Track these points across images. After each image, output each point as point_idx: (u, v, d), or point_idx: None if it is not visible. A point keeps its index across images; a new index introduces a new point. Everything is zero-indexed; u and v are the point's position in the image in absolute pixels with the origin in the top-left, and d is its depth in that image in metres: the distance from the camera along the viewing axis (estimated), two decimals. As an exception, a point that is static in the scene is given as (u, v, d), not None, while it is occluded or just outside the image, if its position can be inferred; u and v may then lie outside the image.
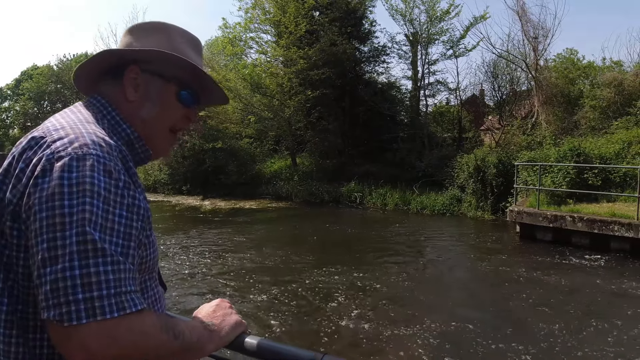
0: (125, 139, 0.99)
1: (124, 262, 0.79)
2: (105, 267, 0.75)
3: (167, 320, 0.88)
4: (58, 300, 0.72)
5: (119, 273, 0.77)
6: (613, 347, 5.32)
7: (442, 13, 20.80)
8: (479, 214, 14.87)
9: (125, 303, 0.76)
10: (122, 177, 0.85)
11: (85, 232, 0.75)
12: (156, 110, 1.05)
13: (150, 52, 1.01)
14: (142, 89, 1.03)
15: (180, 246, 10.82)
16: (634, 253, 9.39)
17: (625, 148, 13.41)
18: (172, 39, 1.08)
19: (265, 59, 23.09)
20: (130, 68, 1.02)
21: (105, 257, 0.76)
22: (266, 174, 22.08)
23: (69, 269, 0.73)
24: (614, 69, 18.91)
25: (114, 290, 0.75)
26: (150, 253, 0.96)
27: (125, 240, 0.81)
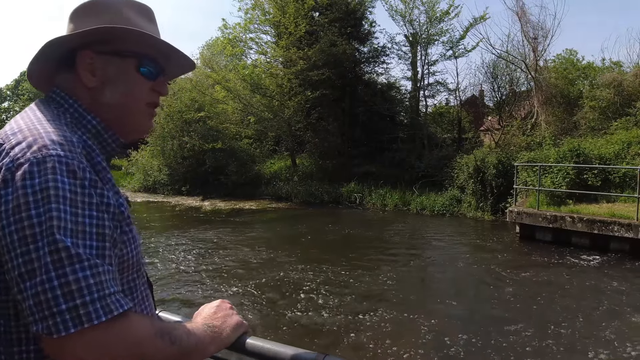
0: (92, 131, 0.94)
1: (102, 264, 0.76)
2: (84, 273, 0.73)
3: (163, 326, 0.87)
4: (42, 313, 0.71)
5: (99, 276, 0.74)
6: (612, 347, 5.33)
7: (442, 14, 20.79)
8: (478, 215, 14.88)
9: (111, 305, 0.74)
10: (88, 176, 0.81)
11: (56, 241, 0.72)
12: (120, 91, 0.98)
13: (91, 31, 0.92)
14: (100, 73, 0.96)
15: (180, 247, 10.82)
16: (633, 253, 9.39)
17: (625, 148, 13.41)
18: (119, 13, 0.99)
19: (265, 59, 23.10)
20: (82, 53, 0.95)
21: (82, 263, 0.73)
22: (266, 174, 22.08)
23: (47, 281, 0.71)
24: (614, 70, 18.91)
25: (97, 295, 0.73)
26: (130, 250, 0.91)
27: (99, 241, 0.78)
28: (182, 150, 22.28)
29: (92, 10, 0.98)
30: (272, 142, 24.42)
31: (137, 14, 1.02)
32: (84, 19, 0.97)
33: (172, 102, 22.80)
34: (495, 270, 8.85)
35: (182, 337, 0.88)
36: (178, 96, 22.99)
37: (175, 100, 22.84)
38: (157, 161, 23.50)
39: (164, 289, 7.69)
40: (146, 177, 23.63)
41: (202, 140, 21.54)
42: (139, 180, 24.05)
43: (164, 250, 10.53)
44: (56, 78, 0.99)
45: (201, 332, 0.97)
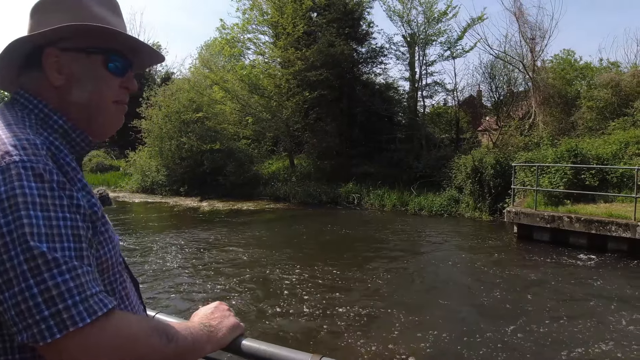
0: (59, 131, 0.91)
1: (81, 266, 0.75)
2: (63, 277, 0.71)
3: (158, 324, 0.87)
4: (26, 322, 0.70)
5: (79, 279, 0.73)
6: (610, 346, 5.33)
7: (440, 14, 20.82)
8: (476, 215, 14.90)
9: (94, 306, 0.74)
10: (55, 178, 0.78)
11: (30, 248, 0.71)
12: (88, 90, 0.95)
13: (54, 30, 0.89)
14: (66, 71, 0.93)
15: (177, 247, 10.81)
16: (631, 253, 9.42)
17: (622, 148, 13.44)
18: (83, 7, 0.96)
19: (263, 60, 23.11)
20: (47, 52, 0.91)
21: (60, 267, 0.72)
22: (264, 175, 22.07)
23: (26, 289, 0.70)
24: (611, 70, 18.96)
25: (78, 297, 0.72)
26: (108, 251, 0.89)
27: (75, 242, 0.76)
28: (180, 150, 22.25)
29: (54, 4, 0.95)
30: (270, 142, 24.43)
31: (101, 6, 0.99)
32: (46, 15, 0.94)
33: (170, 102, 22.78)
34: (493, 270, 8.86)
35: (179, 335, 0.88)
36: (176, 96, 22.97)
37: (173, 101, 22.82)
38: (155, 162, 23.46)
39: (160, 289, 7.68)
40: (144, 177, 23.57)
41: (200, 141, 21.52)
42: (137, 181, 24.01)
43: (162, 250, 10.51)
44: (21, 78, 0.96)
45: (198, 331, 0.97)
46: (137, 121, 23.40)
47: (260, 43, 23.16)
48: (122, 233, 12.50)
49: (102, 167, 29.65)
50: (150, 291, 7.56)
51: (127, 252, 10.36)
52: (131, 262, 9.43)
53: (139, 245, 11.08)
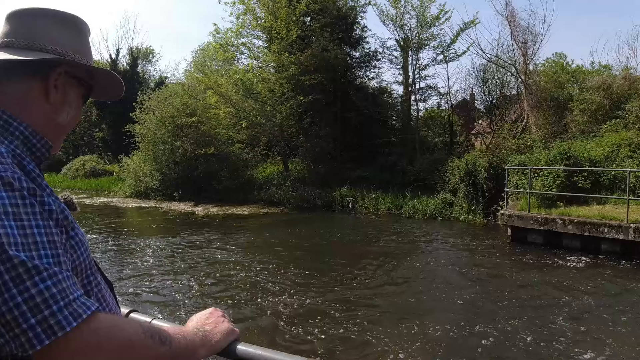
0: (20, 137, 0.90)
1: (61, 272, 0.74)
2: (45, 284, 0.71)
3: (151, 326, 0.88)
4: (13, 332, 0.69)
5: (60, 284, 0.73)
6: (605, 347, 5.36)
7: (433, 18, 20.96)
8: (470, 218, 14.94)
9: (79, 309, 0.73)
10: (25, 185, 0.78)
11: (10, 258, 0.70)
12: (71, 115, 1.02)
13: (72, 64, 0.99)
14: (62, 91, 0.98)
15: (171, 253, 10.75)
16: (624, 254, 9.48)
17: (614, 151, 13.54)
18: (85, 36, 1.06)
19: (257, 64, 23.12)
20: (58, 70, 0.96)
21: (41, 274, 0.71)
22: (258, 179, 22.04)
23: (10, 298, 0.69)
24: (603, 73, 19.10)
25: (62, 303, 0.72)
26: (80, 254, 0.90)
27: (52, 249, 0.76)
28: (174, 155, 22.17)
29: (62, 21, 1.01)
30: (264, 146, 24.40)
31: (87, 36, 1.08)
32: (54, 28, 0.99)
33: (163, 107, 22.71)
34: (487, 273, 8.89)
35: (172, 338, 0.89)
36: (170, 101, 22.91)
37: (167, 105, 22.76)
38: (148, 166, 23.36)
39: (153, 294, 7.65)
40: (138, 182, 23.44)
41: (194, 146, 21.45)
42: (131, 186, 23.89)
43: (155, 255, 10.46)
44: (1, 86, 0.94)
45: (191, 335, 0.98)
46: (130, 126, 23.32)
47: (254, 47, 23.22)
48: (115, 238, 12.44)
49: (96, 172, 29.49)
50: (142, 296, 7.53)
51: (119, 257, 10.32)
52: (122, 267, 9.39)
53: (131, 250, 11.02)
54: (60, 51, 0.97)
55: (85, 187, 27.43)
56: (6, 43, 0.95)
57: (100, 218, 16.38)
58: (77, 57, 1.00)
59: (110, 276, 8.49)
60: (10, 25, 0.98)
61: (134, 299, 7.32)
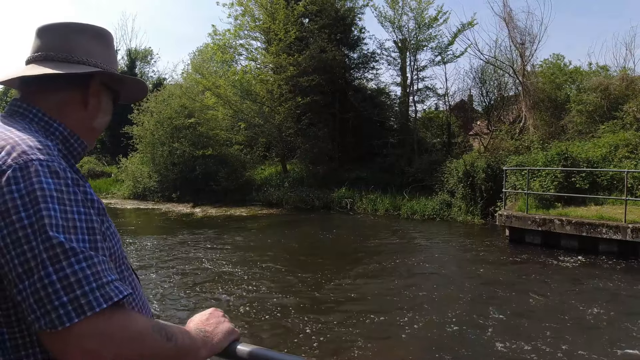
0: (59, 137, 0.98)
1: (96, 256, 0.79)
2: (80, 265, 0.76)
3: (158, 322, 0.89)
4: (45, 309, 0.73)
5: (95, 267, 0.77)
6: (603, 347, 5.37)
7: (430, 20, 20.98)
8: (468, 219, 14.96)
9: (111, 292, 0.77)
10: (70, 175, 0.85)
11: (50, 238, 0.75)
12: (105, 120, 1.10)
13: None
14: (97, 99, 1.06)
15: (169, 253, 10.75)
16: (621, 255, 9.50)
17: (612, 151, 13.58)
18: (108, 45, 1.12)
19: (255, 65, 23.13)
20: (95, 80, 1.05)
21: (77, 256, 0.76)
22: (257, 180, 22.05)
23: (46, 276, 0.73)
24: (600, 74, 19.17)
25: (95, 284, 0.76)
26: (114, 244, 0.95)
27: (90, 235, 0.81)
28: (172, 156, 22.18)
29: (97, 38, 1.08)
30: (262, 148, 24.41)
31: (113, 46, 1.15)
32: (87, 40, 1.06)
33: (161, 108, 22.71)
34: (485, 273, 8.90)
35: (177, 335, 0.91)
36: (168, 102, 22.91)
37: (165, 107, 22.76)
38: (147, 168, 23.37)
39: (152, 296, 7.65)
40: (136, 184, 23.45)
41: (192, 147, 21.47)
42: (129, 187, 23.89)
43: (154, 256, 10.46)
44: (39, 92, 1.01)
45: (193, 334, 0.99)
46: (128, 127, 23.32)
47: (252, 49, 23.23)
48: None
49: (94, 174, 29.45)
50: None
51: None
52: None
53: (129, 252, 11.01)
54: (95, 63, 1.04)
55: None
56: (44, 56, 1.02)
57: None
58: (109, 67, 1.07)
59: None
60: (45, 38, 1.04)
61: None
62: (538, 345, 5.53)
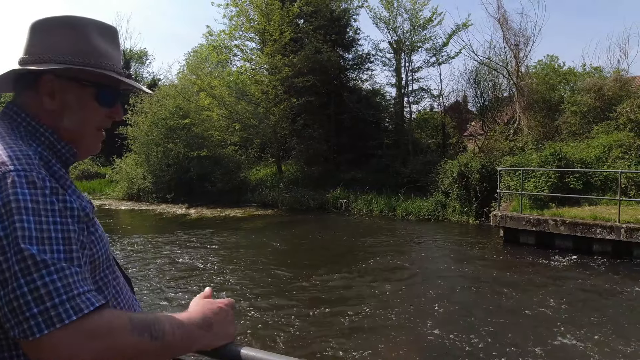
0: (45, 142, 0.97)
1: (69, 267, 0.79)
2: (51, 277, 0.76)
3: (142, 320, 0.87)
4: (17, 319, 0.75)
5: (66, 278, 0.78)
6: (596, 347, 5.39)
7: (425, 21, 21.04)
8: (463, 219, 15.00)
9: (81, 304, 0.78)
10: (48, 184, 0.84)
11: (21, 250, 0.76)
12: (78, 119, 1.02)
13: (58, 69, 0.98)
14: (59, 97, 0.99)
15: (163, 254, 10.72)
16: (615, 255, 9.56)
17: (606, 152, 13.65)
18: (86, 36, 1.02)
19: (250, 66, 23.11)
20: (44, 78, 0.98)
21: (48, 268, 0.77)
22: (252, 181, 22.01)
23: (18, 287, 0.75)
24: (594, 75, 19.25)
25: (65, 296, 0.76)
26: (99, 249, 0.95)
27: (65, 245, 0.81)
28: (167, 157, 22.11)
29: (57, 28, 1.01)
30: (257, 148, 24.38)
31: (102, 37, 1.06)
32: (51, 36, 1.00)
33: (156, 109, 22.64)
34: (480, 273, 8.92)
35: (166, 331, 0.89)
36: (162, 103, 22.84)
37: (159, 107, 22.69)
38: (141, 169, 23.28)
39: (150, 297, 7.62)
40: (130, 185, 23.35)
41: (187, 148, 21.41)
42: (123, 188, 23.78)
43: (148, 257, 10.42)
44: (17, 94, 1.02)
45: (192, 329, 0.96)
46: (123, 128, 23.24)
47: (248, 50, 23.21)
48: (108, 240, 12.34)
49: (88, 175, 29.32)
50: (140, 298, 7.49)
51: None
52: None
53: (123, 253, 10.96)
54: (53, 58, 0.98)
55: (77, 190, 27.21)
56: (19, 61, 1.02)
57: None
58: (78, 59, 1.00)
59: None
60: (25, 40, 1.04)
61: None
62: (530, 345, 5.55)
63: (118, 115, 1.11)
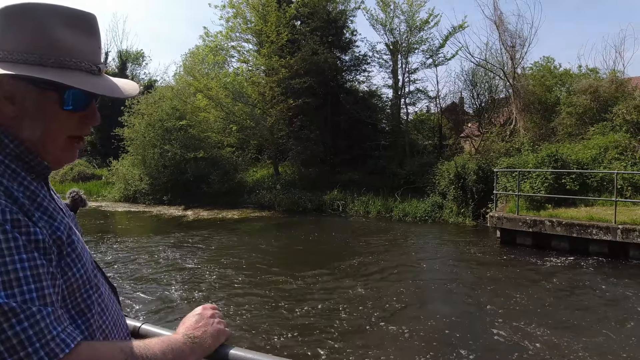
0: (12, 154, 0.86)
1: (39, 310, 0.74)
2: (22, 326, 0.71)
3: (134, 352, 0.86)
4: None
5: (38, 324, 0.73)
6: (592, 347, 5.40)
7: (422, 23, 21.09)
8: (460, 220, 15.01)
9: (56, 349, 0.74)
10: (8, 217, 0.75)
11: None
12: (41, 127, 0.88)
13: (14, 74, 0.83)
14: (19, 101, 0.86)
15: (159, 256, 10.69)
16: (612, 256, 9.58)
17: (602, 153, 13.69)
18: (42, 27, 0.86)
19: (247, 67, 23.12)
20: (2, 80, 0.85)
21: (18, 316, 0.71)
22: (249, 183, 21.99)
23: None
24: (590, 76, 19.30)
25: (39, 344, 0.72)
26: (77, 271, 0.88)
27: (35, 282, 0.75)
28: (164, 159, 22.08)
29: (14, 17, 0.86)
30: (254, 150, 24.38)
31: (70, 28, 0.89)
32: (7, 29, 0.86)
33: (152, 110, 22.61)
34: (476, 275, 8.93)
35: (157, 355, 0.89)
36: (159, 104, 22.81)
37: (156, 109, 22.66)
38: (138, 170, 23.23)
39: (144, 298, 7.60)
40: (127, 186, 23.30)
41: (183, 149, 21.38)
42: (120, 189, 23.73)
43: (143, 259, 10.39)
44: None
45: (181, 344, 0.97)
46: (119, 129, 23.20)
47: (244, 51, 23.22)
48: (102, 243, 12.32)
49: (84, 176, 29.23)
50: (135, 301, 7.47)
51: (105, 263, 10.22)
52: (110, 274, 9.31)
53: (117, 255, 10.93)
54: (4, 55, 0.85)
55: (74, 192, 27.13)
56: None
57: (88, 222, 16.23)
58: (32, 57, 0.85)
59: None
60: None
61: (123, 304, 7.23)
62: (526, 345, 5.55)
63: (92, 120, 0.94)
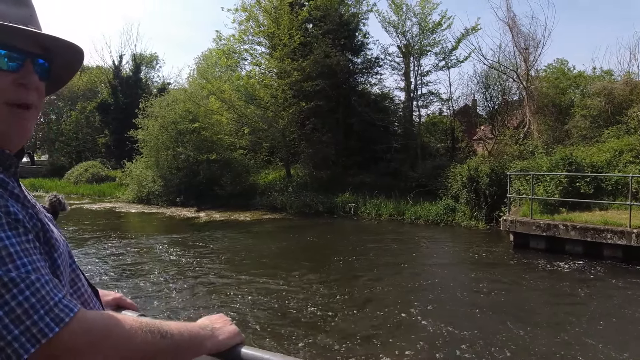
0: None
1: (38, 279, 0.74)
2: (24, 295, 0.72)
3: (149, 322, 0.87)
4: (1, 344, 0.70)
5: (39, 292, 0.74)
6: (606, 353, 5.35)
7: (434, 25, 21.02)
8: (472, 224, 14.92)
9: (60, 314, 0.74)
10: None
11: None
12: None
13: None
14: None
15: (172, 257, 10.77)
16: (626, 260, 9.47)
17: (617, 156, 13.53)
18: None
19: (260, 70, 23.22)
20: None
21: (18, 286, 0.72)
22: (261, 185, 22.06)
23: None
24: (604, 78, 19.11)
25: (43, 310, 0.73)
26: (57, 257, 0.87)
27: (27, 257, 0.75)
28: (177, 161, 22.25)
29: None
30: (266, 152, 24.45)
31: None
32: None
33: (166, 112, 22.81)
34: (489, 278, 8.88)
35: (174, 331, 0.89)
36: (172, 107, 23.01)
37: (169, 111, 22.86)
38: (151, 172, 23.43)
39: (157, 302, 7.67)
40: (140, 188, 23.52)
41: (196, 151, 21.53)
42: (133, 191, 23.96)
43: (157, 261, 10.48)
44: None
45: (197, 329, 0.98)
46: (133, 131, 23.44)
47: (257, 54, 23.32)
48: (116, 243, 12.45)
49: (98, 178, 29.58)
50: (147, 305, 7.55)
51: (120, 263, 10.32)
52: (124, 274, 9.41)
53: (132, 255, 11.04)
54: None
55: (88, 193, 27.50)
56: None
57: (102, 223, 16.42)
58: None
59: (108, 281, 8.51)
60: None
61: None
62: (541, 349, 5.52)
63: (27, 80, 0.85)
